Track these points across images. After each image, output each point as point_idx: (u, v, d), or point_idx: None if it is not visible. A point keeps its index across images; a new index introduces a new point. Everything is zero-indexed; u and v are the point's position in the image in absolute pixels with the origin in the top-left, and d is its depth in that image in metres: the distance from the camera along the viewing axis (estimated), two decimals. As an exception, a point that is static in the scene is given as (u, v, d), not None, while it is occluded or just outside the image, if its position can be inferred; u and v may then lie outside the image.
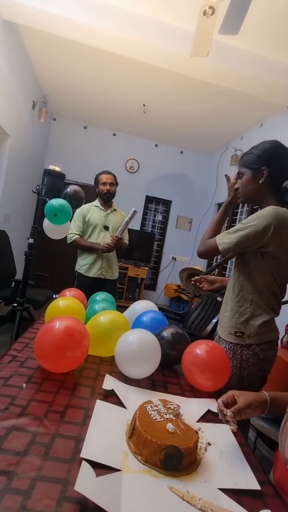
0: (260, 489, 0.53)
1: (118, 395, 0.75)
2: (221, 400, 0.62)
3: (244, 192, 1.00)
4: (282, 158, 0.93)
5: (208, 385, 0.87)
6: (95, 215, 2.03)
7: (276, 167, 0.93)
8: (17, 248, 2.84)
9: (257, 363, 0.95)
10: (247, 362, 0.95)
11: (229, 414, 0.57)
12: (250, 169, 0.96)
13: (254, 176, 0.95)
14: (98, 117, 4.19)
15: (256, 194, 0.98)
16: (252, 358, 0.95)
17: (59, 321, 0.82)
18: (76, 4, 2.13)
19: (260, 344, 0.95)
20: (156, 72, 2.79)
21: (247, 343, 0.95)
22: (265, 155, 0.94)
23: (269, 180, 0.94)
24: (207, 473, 0.56)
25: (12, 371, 0.79)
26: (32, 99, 3.36)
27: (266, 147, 0.95)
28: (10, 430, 0.57)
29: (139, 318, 1.14)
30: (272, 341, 0.96)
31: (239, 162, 1.00)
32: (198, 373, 0.87)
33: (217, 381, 0.87)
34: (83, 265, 2.05)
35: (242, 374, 0.96)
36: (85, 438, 0.57)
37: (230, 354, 0.97)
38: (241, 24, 1.75)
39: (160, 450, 0.54)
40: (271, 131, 3.23)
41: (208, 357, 0.87)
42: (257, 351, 0.95)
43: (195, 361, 0.88)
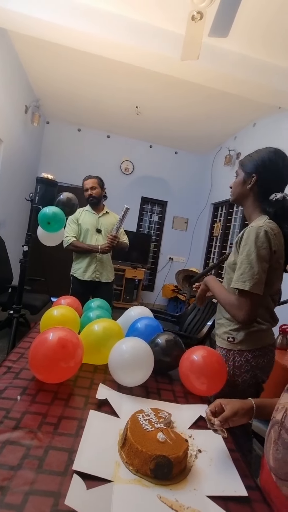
0: (247, 495, 0.55)
1: (112, 404, 0.77)
2: (209, 409, 0.64)
3: (233, 191, 1.03)
4: (276, 170, 0.93)
5: (204, 389, 0.90)
6: (86, 219, 2.04)
7: (266, 177, 0.93)
8: (12, 253, 2.84)
9: (250, 370, 0.94)
10: (240, 369, 0.95)
11: (217, 423, 0.59)
12: (244, 172, 0.98)
13: (245, 180, 0.97)
14: (92, 120, 4.19)
15: (242, 197, 1.00)
16: (245, 365, 0.94)
17: (53, 332, 0.84)
18: (67, 10, 2.13)
19: (252, 351, 0.94)
20: (149, 74, 2.79)
21: (239, 349, 0.95)
22: (260, 163, 0.94)
23: (257, 187, 0.95)
24: (196, 481, 0.57)
25: (7, 383, 0.81)
26: (24, 104, 3.35)
27: (264, 155, 0.94)
28: (4, 444, 0.58)
29: (134, 324, 1.16)
30: (265, 347, 0.95)
31: (239, 162, 1.01)
32: (195, 379, 0.89)
33: (214, 385, 0.90)
34: (78, 268, 2.06)
35: (236, 381, 0.95)
36: (77, 450, 0.59)
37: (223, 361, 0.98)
38: (230, 26, 1.77)
39: (150, 460, 0.56)
40: (263, 131, 3.26)
41: (205, 362, 0.90)
42: (249, 358, 0.94)
43: (192, 367, 0.91)
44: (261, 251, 0.86)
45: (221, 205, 4.30)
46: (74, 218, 2.01)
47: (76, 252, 2.03)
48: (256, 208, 0.97)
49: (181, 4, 1.97)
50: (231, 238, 3.88)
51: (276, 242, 0.88)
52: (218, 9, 1.69)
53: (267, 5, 1.93)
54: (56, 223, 1.53)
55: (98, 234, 2.06)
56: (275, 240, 0.88)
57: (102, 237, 2.06)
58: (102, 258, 2.06)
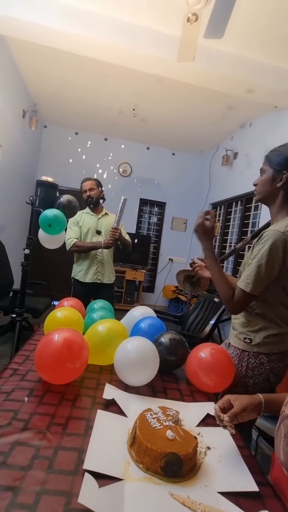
0: (258, 490, 0.55)
1: (119, 404, 0.77)
2: (217, 405, 0.64)
3: (260, 190, 0.95)
4: None
5: (213, 385, 0.91)
6: (87, 221, 2.06)
7: None
8: (13, 257, 2.84)
9: (263, 373, 0.92)
10: (253, 371, 0.92)
11: (226, 419, 0.59)
12: (272, 169, 0.90)
13: (274, 177, 0.90)
14: (89, 123, 4.21)
15: (270, 195, 0.93)
16: (259, 367, 0.92)
17: (58, 333, 0.84)
18: (63, 15, 2.15)
19: (268, 354, 0.91)
20: (145, 76, 2.81)
21: (255, 352, 0.92)
22: (276, 156, 0.89)
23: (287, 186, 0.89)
24: (207, 478, 0.57)
25: (14, 385, 0.81)
26: (22, 108, 3.37)
27: None
28: (14, 445, 0.58)
29: (137, 325, 1.16)
30: (283, 352, 0.92)
31: (265, 158, 0.94)
32: (203, 375, 0.91)
33: (222, 381, 0.91)
34: (79, 271, 2.07)
35: (248, 382, 0.93)
36: (87, 450, 0.59)
37: (236, 361, 0.96)
38: (225, 28, 1.79)
39: (160, 458, 0.56)
40: (260, 131, 3.28)
41: (213, 359, 0.91)
42: (264, 361, 0.91)
43: (200, 364, 0.92)
44: (273, 259, 0.84)
45: (219, 205, 4.31)
46: (75, 220, 2.02)
47: (80, 253, 2.03)
48: (284, 208, 0.91)
49: (176, 6, 1.99)
50: (230, 237, 3.89)
51: None
52: (213, 11, 1.71)
53: (261, 6, 1.95)
54: (57, 226, 1.53)
55: (98, 235, 2.07)
56: None
57: (102, 238, 2.07)
58: (103, 259, 2.07)
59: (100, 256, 2.06)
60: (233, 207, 3.89)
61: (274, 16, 2.01)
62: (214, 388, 0.91)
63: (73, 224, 2.01)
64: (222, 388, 0.92)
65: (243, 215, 3.53)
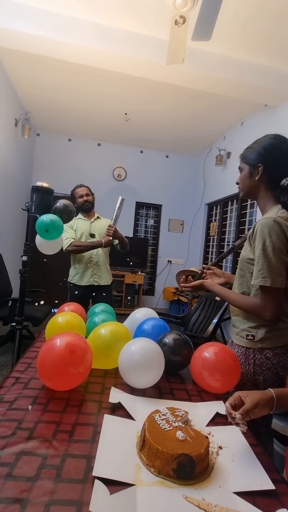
0: (274, 488, 0.54)
1: (126, 407, 0.75)
2: (228, 403, 0.62)
3: (242, 187, 0.99)
4: (281, 154, 0.90)
5: (218, 386, 0.88)
6: (80, 225, 2.07)
7: (273, 165, 0.90)
8: (11, 266, 2.81)
9: (271, 368, 0.90)
10: (261, 367, 0.91)
11: (238, 417, 0.58)
12: (248, 165, 0.95)
13: (251, 172, 0.94)
14: (82, 129, 4.23)
15: (253, 189, 0.96)
16: (266, 362, 0.90)
17: (60, 338, 0.82)
18: (50, 23, 2.17)
19: (273, 348, 0.90)
20: (135, 80, 2.84)
21: (259, 347, 0.91)
22: (263, 151, 0.92)
23: (266, 177, 0.92)
24: (221, 478, 0.56)
25: (17, 393, 0.79)
26: (14, 117, 3.38)
27: (265, 143, 0.92)
28: (19, 456, 0.56)
29: (140, 326, 1.14)
30: (287, 345, 0.92)
31: (240, 156, 0.98)
32: (208, 376, 0.88)
33: (228, 381, 0.88)
34: (74, 274, 2.05)
35: (257, 379, 0.91)
36: (96, 456, 0.57)
37: (243, 359, 0.94)
38: (212, 30, 1.81)
39: (172, 460, 0.54)
40: (251, 129, 3.31)
41: (217, 359, 0.88)
42: (270, 355, 0.90)
43: (204, 364, 0.89)
44: (276, 243, 0.83)
45: (215, 205, 4.33)
46: (69, 225, 2.02)
47: (78, 253, 2.01)
48: (269, 198, 0.93)
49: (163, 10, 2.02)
50: (228, 236, 3.90)
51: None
52: (200, 13, 1.73)
53: (243, 7, 1.98)
54: (54, 230, 1.52)
55: (92, 239, 2.07)
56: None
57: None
58: (98, 261, 2.06)
59: (95, 258, 2.05)
60: (229, 206, 3.91)
61: (258, 16, 2.04)
62: (221, 389, 0.89)
63: (68, 228, 2.01)
64: (228, 388, 0.89)
65: (239, 213, 3.54)
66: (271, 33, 2.17)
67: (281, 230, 0.84)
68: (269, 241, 0.84)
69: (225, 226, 3.97)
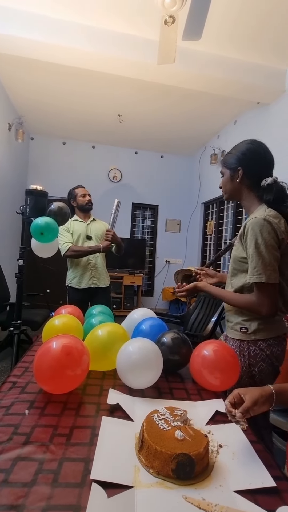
0: (275, 485, 0.53)
1: (124, 409, 0.74)
2: (228, 401, 0.61)
3: (225, 190, 1.05)
4: (258, 157, 0.96)
5: (218, 383, 0.87)
6: (76, 228, 2.05)
7: (251, 167, 0.96)
8: (8, 271, 2.80)
9: (265, 359, 0.93)
10: (256, 359, 0.93)
11: (238, 415, 0.57)
12: (228, 169, 1.00)
13: (232, 176, 0.99)
14: (76, 132, 4.22)
15: (235, 192, 1.01)
16: (260, 353, 0.93)
17: (56, 340, 0.81)
18: (40, 26, 2.17)
19: (266, 340, 0.93)
20: (127, 82, 2.84)
21: (253, 339, 0.94)
22: (241, 156, 0.97)
23: (246, 179, 0.97)
24: (221, 477, 0.55)
25: (13, 398, 0.77)
26: (7, 122, 3.37)
27: (243, 147, 0.98)
28: (15, 461, 0.55)
29: (138, 326, 1.13)
30: (279, 336, 0.95)
31: (221, 162, 1.04)
32: (207, 374, 0.87)
33: (228, 379, 0.88)
34: (73, 278, 2.04)
35: (253, 371, 0.94)
36: (93, 458, 0.56)
37: (238, 352, 0.96)
38: (202, 29, 1.81)
39: (171, 460, 0.53)
40: (245, 127, 3.32)
41: (216, 356, 0.88)
42: (263, 347, 0.93)
43: (203, 362, 0.89)
44: (268, 240, 0.86)
45: (211, 204, 4.33)
46: (65, 228, 2.00)
47: (77, 258, 2.00)
48: (253, 199, 0.97)
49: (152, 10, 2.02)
50: (225, 234, 3.90)
51: (282, 230, 0.88)
52: (189, 13, 1.73)
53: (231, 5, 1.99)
54: (49, 233, 1.51)
55: (89, 240, 2.06)
56: (280, 227, 0.88)
57: (93, 243, 2.06)
58: (96, 263, 2.05)
59: (93, 260, 2.04)
60: (225, 204, 3.91)
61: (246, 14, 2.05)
62: (221, 387, 0.88)
63: (64, 231, 1.99)
64: (228, 386, 0.89)
65: (235, 211, 3.54)
66: (261, 30, 2.18)
67: (272, 227, 0.87)
68: (261, 239, 0.87)
69: (222, 225, 3.98)
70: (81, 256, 1.98)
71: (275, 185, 0.92)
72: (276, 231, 0.87)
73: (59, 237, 1.94)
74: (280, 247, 0.88)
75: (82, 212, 2.11)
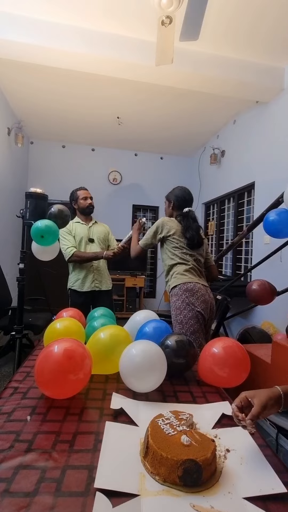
0: (286, 491, 0.51)
1: (128, 413, 0.72)
2: (235, 405, 0.60)
3: (165, 211, 1.84)
4: (181, 198, 1.73)
5: (228, 379, 0.90)
6: (79, 230, 2.03)
7: (177, 201, 1.72)
8: (9, 275, 2.79)
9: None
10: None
11: (248, 422, 0.55)
12: (167, 200, 1.78)
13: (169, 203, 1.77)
14: (75, 135, 4.23)
15: (169, 212, 1.76)
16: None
17: (57, 344, 0.80)
18: (36, 30, 2.17)
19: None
20: (125, 83, 2.84)
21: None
22: (170, 195, 1.79)
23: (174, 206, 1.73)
24: (230, 483, 0.53)
25: (15, 404, 0.76)
26: (6, 126, 3.38)
27: (176, 191, 1.78)
28: (17, 470, 0.54)
29: (142, 329, 1.12)
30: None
31: (165, 197, 1.86)
32: (218, 370, 0.90)
33: (238, 374, 0.91)
34: (75, 281, 2.02)
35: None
36: (97, 466, 0.54)
37: None
38: (199, 29, 1.81)
39: (177, 466, 0.52)
40: (244, 127, 3.31)
41: (226, 353, 0.91)
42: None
43: (214, 360, 0.91)
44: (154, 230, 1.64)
45: (212, 204, 4.32)
46: (67, 230, 1.99)
47: (81, 263, 1.99)
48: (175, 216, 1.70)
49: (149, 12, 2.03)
50: (226, 234, 3.88)
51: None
52: (186, 13, 1.73)
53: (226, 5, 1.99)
54: (49, 236, 1.50)
55: (91, 243, 2.05)
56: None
57: (96, 246, 2.05)
58: (99, 266, 2.04)
59: (96, 263, 2.03)
60: (225, 204, 3.90)
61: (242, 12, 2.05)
62: (229, 382, 0.91)
63: (66, 234, 1.98)
64: (238, 381, 0.91)
65: (236, 211, 3.53)
66: (257, 28, 2.18)
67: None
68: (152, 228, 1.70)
69: (223, 225, 3.96)
70: (85, 262, 1.97)
71: (188, 212, 1.67)
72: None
73: (62, 241, 1.93)
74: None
75: (83, 214, 2.10)
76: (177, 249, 1.57)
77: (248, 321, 3.02)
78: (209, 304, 1.53)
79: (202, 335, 1.50)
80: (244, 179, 3.26)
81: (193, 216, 1.65)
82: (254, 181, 3.05)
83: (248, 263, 3.30)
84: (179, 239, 1.57)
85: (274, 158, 2.69)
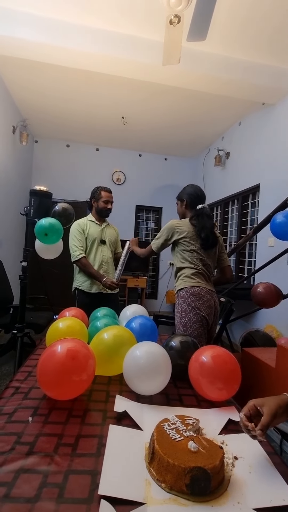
0: (298, 503, 0.49)
1: (132, 416, 0.70)
2: (243, 414, 0.57)
3: (178, 211, 1.82)
4: (194, 195, 1.71)
5: (218, 395, 0.81)
6: (92, 230, 2.00)
7: (190, 199, 1.69)
8: (12, 273, 2.78)
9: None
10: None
11: (258, 433, 0.53)
12: (179, 200, 1.76)
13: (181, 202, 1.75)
14: (80, 135, 4.23)
15: (182, 211, 1.75)
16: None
17: (61, 344, 0.78)
18: (45, 28, 2.17)
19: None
20: (131, 83, 2.83)
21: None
22: (182, 194, 1.76)
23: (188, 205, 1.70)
24: (239, 493, 0.51)
25: (16, 404, 0.74)
26: (11, 124, 3.38)
27: (188, 188, 1.75)
28: (18, 474, 0.52)
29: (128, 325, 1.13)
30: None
31: (177, 197, 1.83)
32: (206, 383, 0.80)
33: (229, 389, 0.81)
34: (83, 281, 1.99)
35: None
36: (101, 471, 0.52)
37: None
38: (207, 29, 1.79)
39: (184, 474, 0.50)
40: (249, 129, 3.29)
41: (215, 364, 0.80)
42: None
43: (202, 370, 0.82)
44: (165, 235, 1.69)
45: (216, 205, 4.29)
46: (80, 229, 1.94)
47: (81, 270, 1.98)
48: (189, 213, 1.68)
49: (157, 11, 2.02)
50: (230, 236, 3.86)
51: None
52: (194, 13, 1.72)
53: (238, 6, 1.98)
54: (53, 234, 1.49)
55: (103, 245, 2.02)
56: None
57: (106, 248, 2.02)
58: (108, 269, 2.02)
59: (105, 266, 2.01)
60: (229, 206, 3.87)
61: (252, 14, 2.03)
62: (220, 397, 0.81)
63: (78, 232, 1.92)
64: (230, 395, 0.81)
65: (240, 213, 3.50)
66: (264, 30, 2.16)
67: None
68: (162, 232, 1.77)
69: (227, 227, 3.93)
70: (85, 273, 1.95)
71: (203, 209, 1.63)
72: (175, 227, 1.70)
73: (72, 239, 1.88)
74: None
75: (99, 215, 2.05)
76: (187, 252, 1.57)
77: (250, 324, 2.99)
78: (213, 309, 1.51)
79: (204, 339, 1.48)
80: (249, 181, 3.24)
81: (208, 213, 1.60)
82: (259, 183, 3.03)
83: (251, 266, 3.27)
84: (191, 241, 1.56)
85: (280, 160, 2.67)
